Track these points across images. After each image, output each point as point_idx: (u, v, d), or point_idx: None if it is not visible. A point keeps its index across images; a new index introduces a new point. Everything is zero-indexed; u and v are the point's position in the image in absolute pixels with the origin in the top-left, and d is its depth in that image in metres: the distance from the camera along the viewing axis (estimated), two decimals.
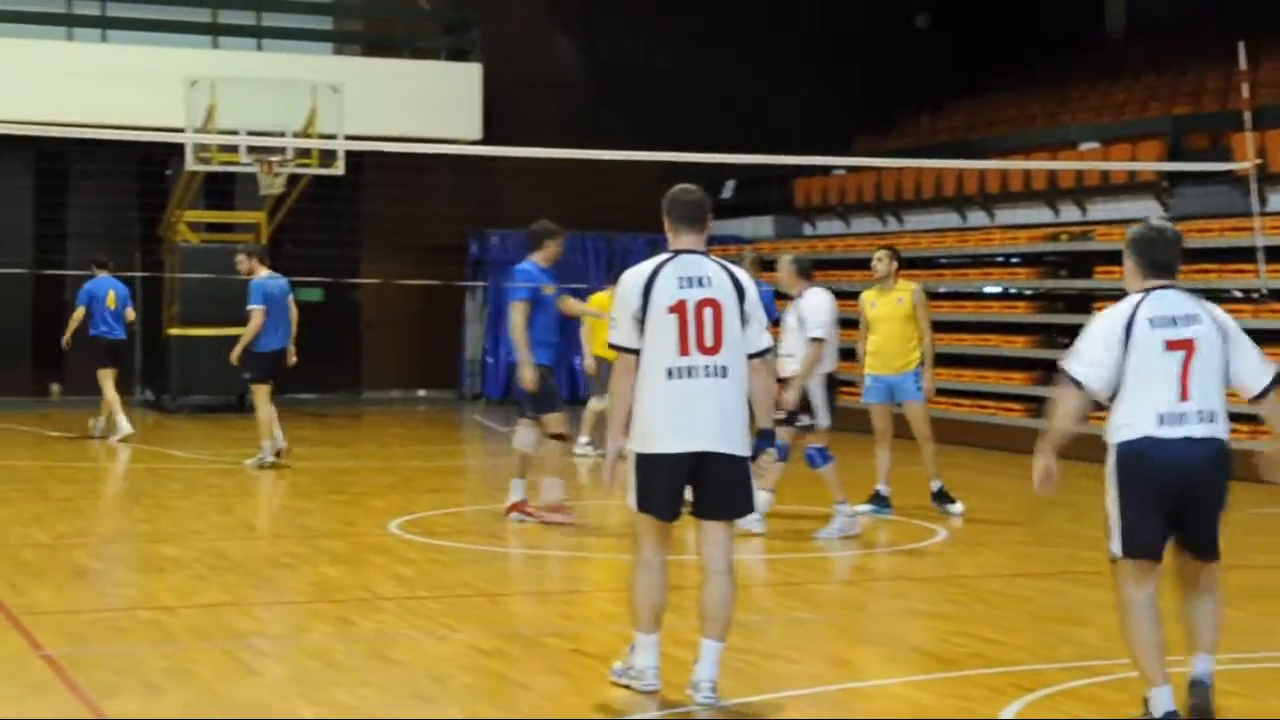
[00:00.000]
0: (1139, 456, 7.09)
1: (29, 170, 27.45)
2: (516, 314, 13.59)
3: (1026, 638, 9.91)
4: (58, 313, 23.73)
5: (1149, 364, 7.10)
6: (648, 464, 7.68)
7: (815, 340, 13.17)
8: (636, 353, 7.69)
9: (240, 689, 8.51)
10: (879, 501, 14.68)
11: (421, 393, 29.47)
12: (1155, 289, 7.25)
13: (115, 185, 27.50)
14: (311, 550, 13.22)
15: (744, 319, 7.74)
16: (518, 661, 9.06)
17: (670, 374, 7.62)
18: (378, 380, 29.15)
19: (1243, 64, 17.71)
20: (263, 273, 18.05)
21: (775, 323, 12.31)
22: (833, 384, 13.57)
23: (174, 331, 24.97)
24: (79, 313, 20.71)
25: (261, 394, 17.83)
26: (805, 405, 13.14)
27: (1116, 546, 7.17)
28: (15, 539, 13.27)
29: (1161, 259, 7.33)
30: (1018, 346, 22.00)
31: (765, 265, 14.28)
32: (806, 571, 12.62)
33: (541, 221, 14.09)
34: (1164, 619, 7.19)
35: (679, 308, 7.63)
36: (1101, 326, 7.26)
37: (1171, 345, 7.12)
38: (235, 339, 18.02)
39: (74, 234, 27.35)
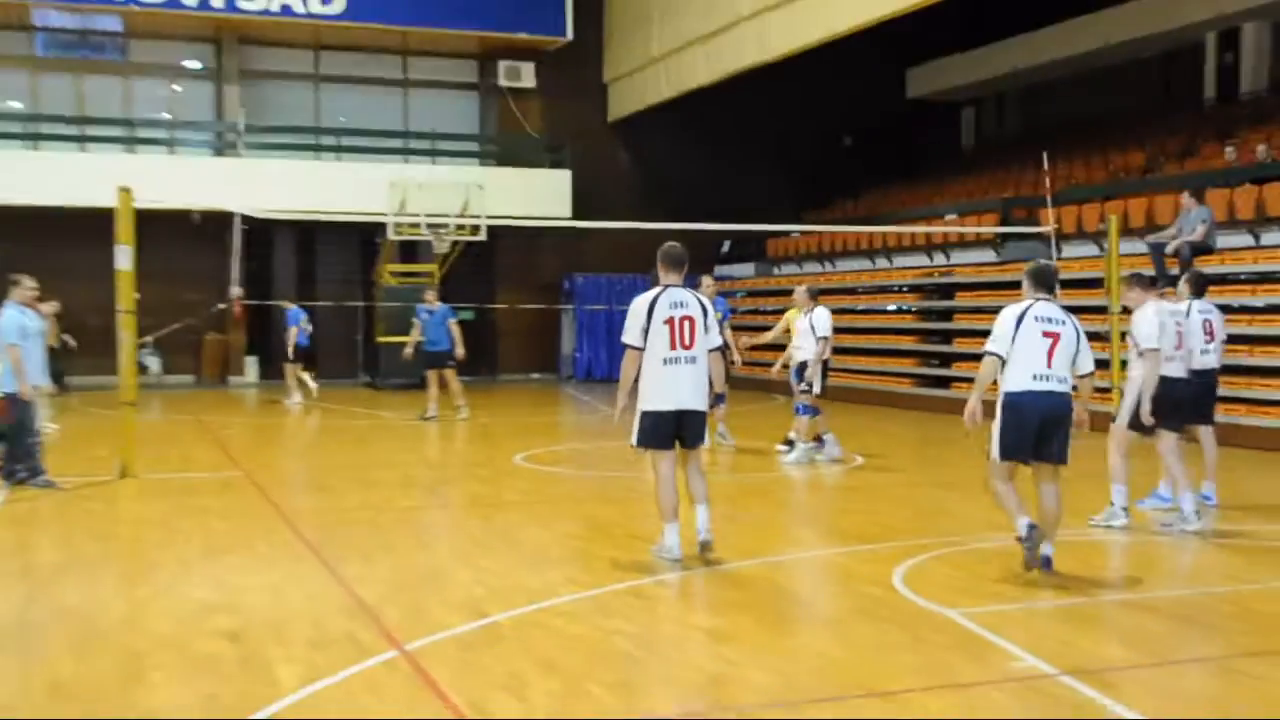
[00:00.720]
0: (1020, 399, 7.59)
1: (290, 242, 27.67)
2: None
3: (912, 523, 9.95)
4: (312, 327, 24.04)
5: (1030, 343, 7.61)
6: (653, 416, 8.03)
7: (822, 339, 13.37)
8: (641, 349, 8.01)
9: (424, 559, 8.63)
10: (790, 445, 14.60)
11: (535, 376, 29.54)
12: (1040, 300, 7.78)
13: (346, 250, 27.80)
14: (465, 475, 13.33)
15: (707, 328, 8.13)
16: (594, 541, 9.17)
17: (665, 362, 8.01)
18: (508, 367, 29.27)
19: (1045, 165, 17.65)
20: (437, 304, 18.20)
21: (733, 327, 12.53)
22: (826, 368, 13.59)
23: (381, 339, 25.18)
24: (291, 332, 21.07)
25: (451, 375, 18.27)
26: (809, 380, 13.38)
27: (996, 452, 7.63)
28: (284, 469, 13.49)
29: (1045, 283, 7.85)
30: (906, 342, 21.99)
31: (813, 295, 13.74)
32: (773, 484, 12.69)
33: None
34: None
35: (670, 321, 8.02)
36: (1005, 317, 7.72)
37: (1046, 334, 7.63)
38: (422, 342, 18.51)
39: (322, 280, 27.61)
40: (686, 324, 8.01)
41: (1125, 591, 7.56)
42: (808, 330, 13.49)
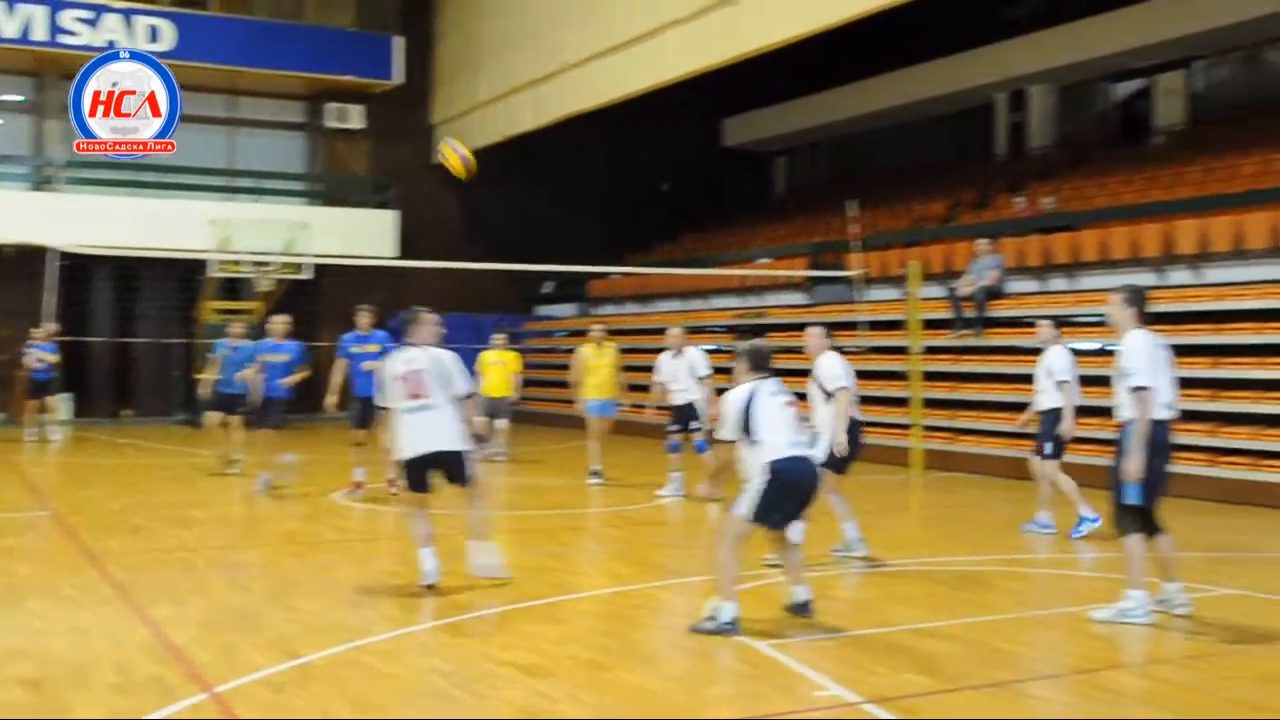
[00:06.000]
0: (783, 470, 7.15)
1: (109, 278, 26.59)
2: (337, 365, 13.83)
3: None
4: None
5: (773, 416, 7.23)
6: (411, 463, 8.33)
7: (706, 378, 13.49)
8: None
9: (238, 599, 8.29)
10: (598, 475, 14.65)
11: None
12: (765, 379, 7.36)
13: (168, 286, 26.83)
14: (283, 513, 12.85)
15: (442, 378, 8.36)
16: (412, 579, 8.91)
17: (405, 411, 8.37)
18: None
19: (851, 212, 18.09)
20: (243, 341, 15.86)
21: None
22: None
23: (201, 377, 24.26)
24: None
25: (238, 422, 15.34)
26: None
27: (748, 512, 7.18)
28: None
29: (761, 364, 7.41)
30: (722, 381, 22.09)
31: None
32: (595, 520, 12.60)
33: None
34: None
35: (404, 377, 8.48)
36: (730, 401, 7.30)
37: (787, 404, 7.32)
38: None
39: (140, 316, 26.59)
40: (415, 378, 8.28)
41: (921, 621, 7.67)
42: (684, 372, 13.49)
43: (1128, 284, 7.93)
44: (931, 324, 17.43)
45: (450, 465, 8.32)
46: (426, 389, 8.24)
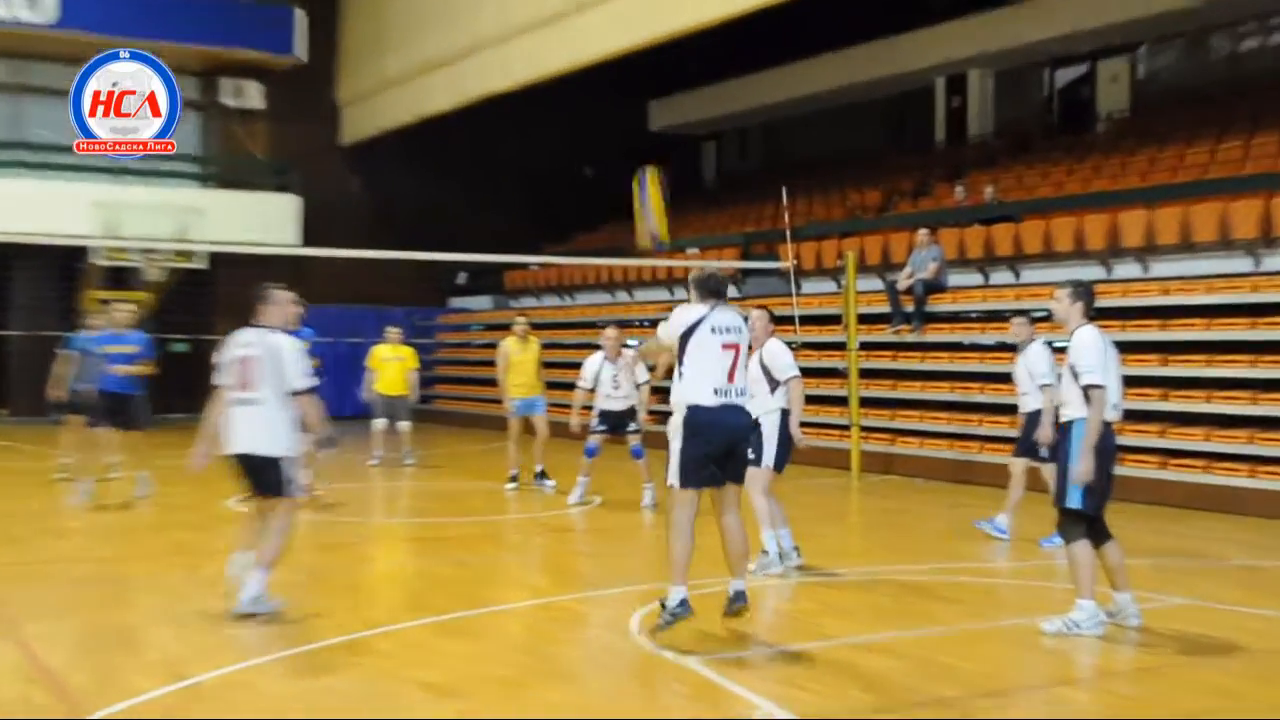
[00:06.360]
0: (700, 419, 7.10)
1: None
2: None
3: (651, 567, 9.79)
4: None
5: (707, 354, 7.18)
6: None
7: (646, 383, 13.28)
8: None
9: (120, 615, 8.01)
10: (515, 480, 14.45)
11: None
12: (718, 307, 7.33)
13: (47, 275, 26.15)
14: (172, 521, 12.48)
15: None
16: (310, 591, 8.69)
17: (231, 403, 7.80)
18: None
19: (784, 201, 18.07)
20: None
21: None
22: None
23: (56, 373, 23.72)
24: None
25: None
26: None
27: (676, 478, 7.16)
28: None
29: (713, 289, 7.39)
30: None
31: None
32: (508, 528, 12.44)
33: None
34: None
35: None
36: (677, 317, 7.29)
37: (725, 346, 7.22)
38: None
39: (17, 306, 25.90)
40: (245, 366, 7.71)
41: (861, 634, 7.59)
42: (624, 377, 13.26)
43: (1073, 278, 7.94)
44: (869, 318, 17.45)
45: (257, 471, 7.68)
46: (254, 380, 7.65)
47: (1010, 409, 12.74)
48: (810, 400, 17.33)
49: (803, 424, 9.38)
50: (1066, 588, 7.85)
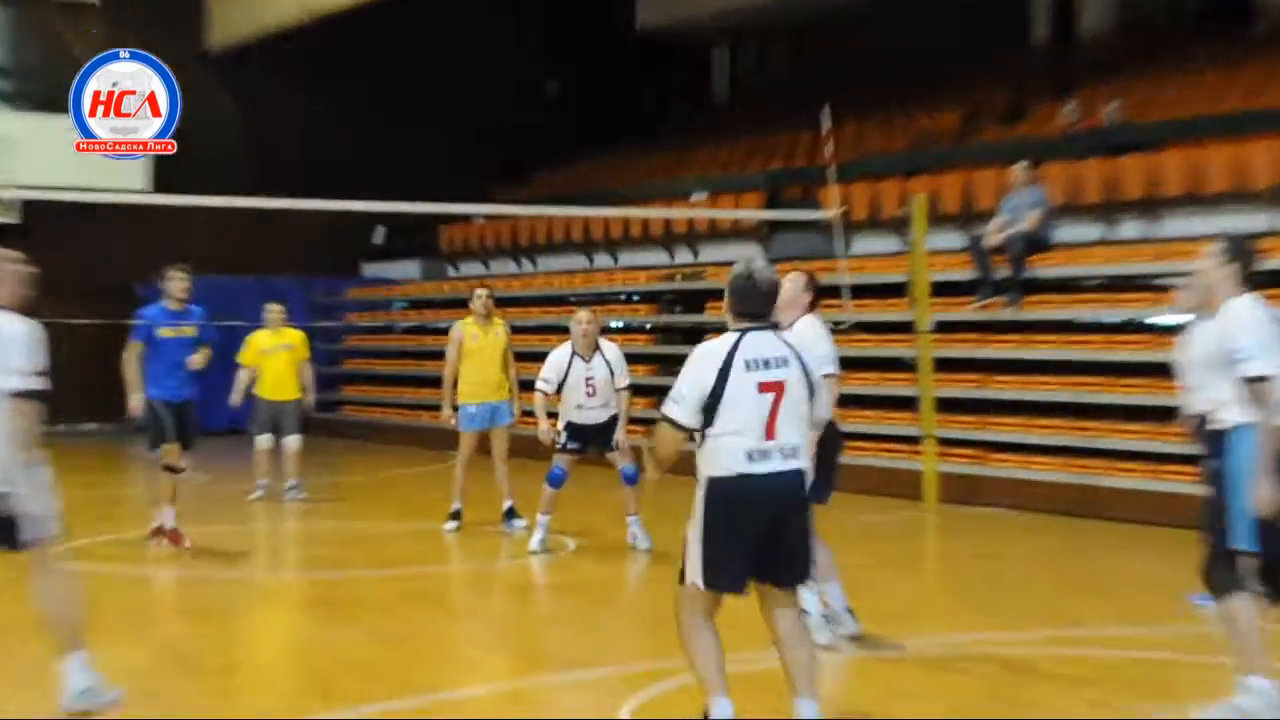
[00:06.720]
0: (729, 493, 6.56)
1: None
2: (129, 352, 13.47)
3: (645, 636, 9.77)
4: None
5: (740, 400, 6.53)
6: None
7: (628, 388, 13.31)
8: None
9: None
10: (457, 519, 14.34)
11: (92, 427, 28.06)
12: (756, 330, 6.69)
13: None
14: None
15: None
16: (168, 679, 8.61)
17: None
18: (51, 414, 27.86)
19: (825, 126, 17.97)
20: None
21: None
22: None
23: None
24: None
25: None
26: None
27: (698, 576, 6.70)
28: None
29: (758, 306, 6.78)
30: (638, 375, 21.98)
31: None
32: (449, 584, 12.36)
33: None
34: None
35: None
36: (699, 361, 6.65)
37: (763, 387, 6.57)
38: None
39: None
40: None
41: None
42: (600, 380, 13.11)
43: (1227, 230, 7.87)
44: (945, 288, 17.45)
45: None
46: None
47: (1150, 413, 12.65)
48: (864, 403, 17.47)
49: (849, 436, 9.27)
50: (1224, 661, 7.77)
